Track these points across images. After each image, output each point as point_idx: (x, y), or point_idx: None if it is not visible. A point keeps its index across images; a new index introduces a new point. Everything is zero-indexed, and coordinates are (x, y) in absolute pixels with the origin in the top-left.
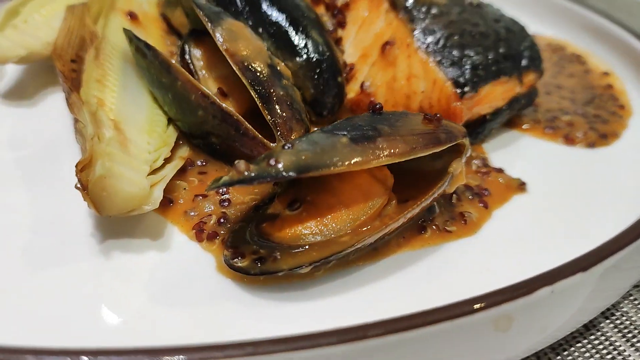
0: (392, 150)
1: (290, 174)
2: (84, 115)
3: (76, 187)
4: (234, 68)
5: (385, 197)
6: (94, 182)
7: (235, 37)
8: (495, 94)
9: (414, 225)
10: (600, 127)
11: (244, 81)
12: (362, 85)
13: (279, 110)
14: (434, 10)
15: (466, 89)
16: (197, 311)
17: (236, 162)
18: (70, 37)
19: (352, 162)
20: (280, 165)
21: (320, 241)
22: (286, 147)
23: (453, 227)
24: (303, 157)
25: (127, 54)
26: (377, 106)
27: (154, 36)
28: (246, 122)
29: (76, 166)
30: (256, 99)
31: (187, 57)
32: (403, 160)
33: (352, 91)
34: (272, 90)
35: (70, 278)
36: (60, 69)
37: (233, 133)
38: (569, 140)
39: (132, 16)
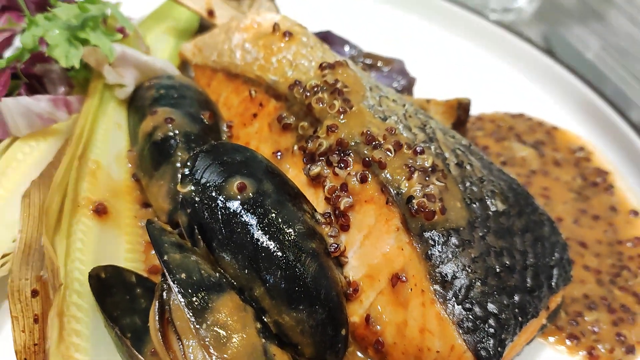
0: None
1: None
2: None
3: None
4: None
5: None
6: None
7: (225, 340)
8: (520, 343)
9: None
10: (627, 331)
11: None
12: (367, 319)
13: None
14: (454, 240)
15: None
16: None
17: None
18: (27, 254)
19: None
20: None
21: None
22: None
23: None
24: None
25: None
26: None
27: (126, 224)
28: None
29: None
30: None
31: (167, 314)
32: None
33: (355, 315)
34: None
35: None
36: (13, 328)
37: None
38: (592, 356)
39: (100, 211)
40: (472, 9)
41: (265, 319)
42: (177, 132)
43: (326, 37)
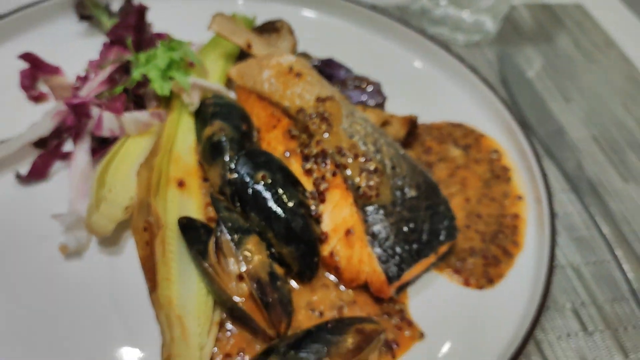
0: None
1: None
2: (162, 317)
3: None
4: (249, 286)
5: None
6: None
7: (252, 257)
8: (415, 271)
9: None
10: (492, 270)
11: (255, 295)
12: (331, 253)
13: (274, 311)
14: (381, 212)
15: (393, 280)
16: None
17: None
18: (141, 207)
19: None
20: None
21: None
22: None
23: None
24: None
25: (180, 239)
26: (328, 325)
27: (195, 192)
28: (253, 318)
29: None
30: (259, 306)
31: (219, 244)
32: None
33: (325, 250)
34: (270, 299)
35: None
36: (137, 247)
37: (247, 322)
38: (466, 283)
39: (181, 184)
40: (440, 41)
41: (272, 250)
42: (226, 138)
43: (329, 63)
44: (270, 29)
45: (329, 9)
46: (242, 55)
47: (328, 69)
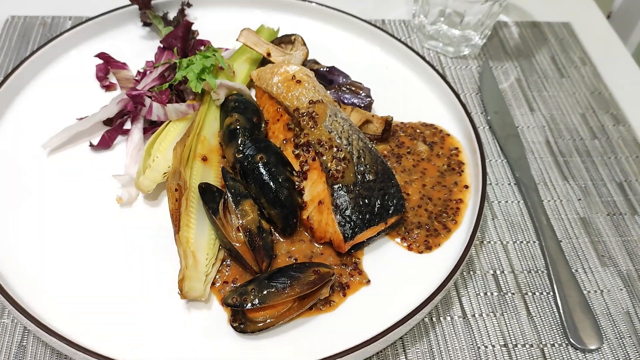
0: (293, 292)
1: (255, 303)
2: (181, 251)
3: (178, 293)
4: (243, 235)
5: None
6: (184, 292)
7: (245, 214)
8: (367, 235)
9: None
10: (432, 240)
11: (245, 241)
12: (308, 217)
13: (259, 253)
14: (344, 190)
15: (348, 240)
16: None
17: (230, 300)
18: (174, 173)
19: (272, 300)
20: (249, 303)
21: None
22: (252, 290)
23: (323, 308)
24: (259, 294)
25: (199, 199)
26: (294, 266)
27: (215, 165)
28: (245, 257)
29: (178, 281)
30: (250, 250)
31: (226, 200)
32: (298, 295)
33: (304, 215)
34: (256, 244)
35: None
36: (169, 201)
37: (240, 260)
38: (409, 248)
39: (204, 159)
40: (423, 57)
41: (263, 211)
42: (240, 127)
43: (331, 70)
44: (287, 40)
45: (338, 23)
46: (265, 61)
47: (330, 75)
